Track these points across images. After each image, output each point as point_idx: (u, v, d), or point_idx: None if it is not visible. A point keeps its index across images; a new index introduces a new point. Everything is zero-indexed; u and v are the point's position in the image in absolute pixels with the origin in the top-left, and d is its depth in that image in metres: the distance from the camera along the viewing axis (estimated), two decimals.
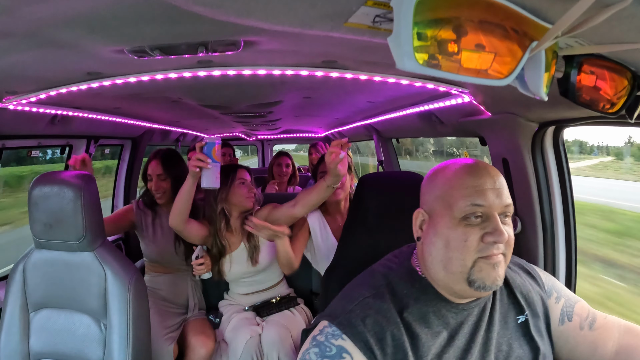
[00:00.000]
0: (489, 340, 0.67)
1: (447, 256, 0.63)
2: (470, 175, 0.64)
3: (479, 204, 0.62)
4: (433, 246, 0.65)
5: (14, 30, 0.66)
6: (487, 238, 0.61)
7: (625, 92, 0.56)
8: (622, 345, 0.72)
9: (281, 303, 1.58)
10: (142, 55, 0.85)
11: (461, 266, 0.62)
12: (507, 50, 0.39)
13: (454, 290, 0.65)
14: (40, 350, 1.17)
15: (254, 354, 1.39)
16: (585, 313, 0.75)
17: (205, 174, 1.29)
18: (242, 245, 1.54)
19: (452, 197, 0.64)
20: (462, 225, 0.62)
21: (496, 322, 0.69)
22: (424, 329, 0.65)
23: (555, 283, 0.78)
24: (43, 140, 1.77)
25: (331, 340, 0.63)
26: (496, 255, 0.62)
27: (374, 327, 0.63)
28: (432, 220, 0.67)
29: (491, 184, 0.63)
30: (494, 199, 0.62)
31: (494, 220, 0.62)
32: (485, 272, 0.61)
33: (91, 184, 1.13)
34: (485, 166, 0.66)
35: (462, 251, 0.62)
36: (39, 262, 1.17)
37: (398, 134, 2.57)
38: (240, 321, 1.50)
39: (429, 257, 0.67)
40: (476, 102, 1.12)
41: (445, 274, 0.64)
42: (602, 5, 0.36)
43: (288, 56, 0.95)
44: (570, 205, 1.13)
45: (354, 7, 0.45)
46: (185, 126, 2.97)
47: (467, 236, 0.62)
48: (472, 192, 0.63)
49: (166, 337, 1.47)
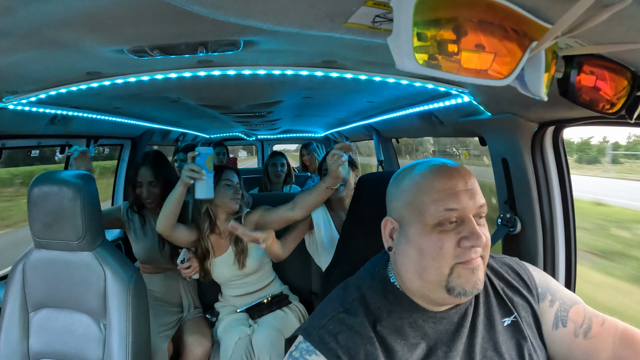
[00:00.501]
0: (471, 346, 0.64)
1: (422, 265, 0.60)
2: (440, 177, 0.61)
3: (452, 207, 0.59)
4: (406, 256, 0.63)
5: (14, 30, 0.66)
6: (464, 243, 0.58)
7: (625, 92, 0.56)
8: (616, 357, 0.70)
9: (272, 303, 1.56)
10: (142, 55, 0.85)
11: (437, 274, 0.59)
12: (507, 50, 0.39)
13: (431, 298, 0.63)
14: (40, 350, 1.17)
15: (244, 355, 1.38)
16: (580, 319, 0.72)
17: (200, 184, 1.29)
18: (230, 249, 1.51)
19: (423, 203, 0.60)
20: (436, 231, 0.59)
21: (480, 326, 0.66)
22: (400, 341, 0.63)
23: (551, 284, 0.75)
24: (43, 140, 1.77)
25: (305, 356, 0.62)
26: (474, 259, 0.59)
27: (346, 343, 0.62)
28: (403, 228, 0.63)
29: (463, 185, 0.60)
30: (468, 201, 0.59)
31: (470, 223, 0.59)
32: (465, 278, 0.59)
33: (91, 184, 1.13)
34: (455, 166, 0.63)
35: (437, 259, 0.59)
36: (39, 261, 1.17)
37: (398, 134, 2.57)
38: (231, 322, 1.49)
39: (402, 267, 0.64)
40: (476, 102, 1.12)
41: (421, 283, 0.62)
42: (602, 6, 0.36)
43: (288, 56, 0.95)
44: (570, 205, 1.13)
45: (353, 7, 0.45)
46: (185, 126, 2.97)
47: (443, 243, 0.59)
48: (444, 196, 0.59)
49: (160, 335, 1.47)
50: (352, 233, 1.03)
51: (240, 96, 1.67)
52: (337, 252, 1.09)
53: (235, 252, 1.50)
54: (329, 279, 1.05)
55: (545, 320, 0.72)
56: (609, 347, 0.71)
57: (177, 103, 1.74)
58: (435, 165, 0.63)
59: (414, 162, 0.68)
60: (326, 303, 0.70)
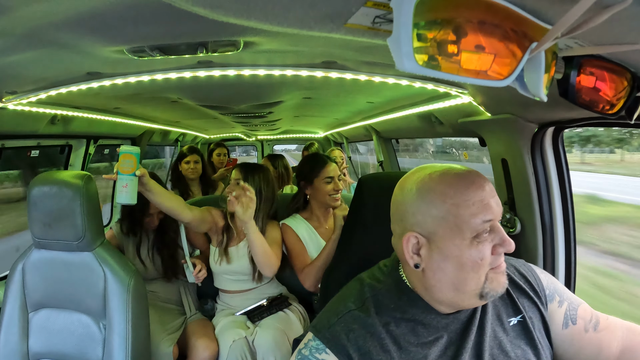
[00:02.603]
0: (479, 345, 0.65)
1: (461, 278, 0.60)
2: (470, 189, 0.60)
3: (489, 219, 0.59)
4: (442, 272, 0.61)
5: (14, 30, 0.66)
6: (499, 249, 0.60)
7: (625, 93, 0.56)
8: (626, 345, 0.71)
9: (272, 305, 1.55)
10: (142, 55, 0.85)
11: (476, 284, 0.60)
12: (506, 51, 0.39)
13: (459, 305, 0.64)
14: (40, 350, 1.17)
15: (239, 357, 1.37)
16: (588, 315, 0.74)
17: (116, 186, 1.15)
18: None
19: (459, 217, 0.59)
20: (475, 244, 0.59)
21: (488, 325, 0.67)
22: (411, 341, 0.63)
23: (558, 286, 0.76)
24: (43, 140, 1.77)
25: (315, 355, 0.63)
26: (503, 263, 0.61)
27: (357, 341, 0.62)
28: (435, 244, 0.61)
29: (491, 194, 0.61)
30: (497, 208, 0.60)
31: (500, 230, 0.60)
32: (497, 282, 0.61)
33: (90, 184, 1.13)
34: (477, 174, 0.63)
35: (478, 270, 0.60)
36: (38, 262, 1.17)
37: (397, 135, 2.57)
38: (227, 323, 1.48)
39: (437, 282, 0.62)
40: (476, 102, 1.12)
41: (455, 294, 0.62)
42: (602, 6, 0.36)
43: (288, 56, 0.95)
44: (570, 205, 1.13)
45: (353, 8, 0.45)
46: (185, 126, 2.97)
47: (483, 254, 0.59)
48: (480, 209, 0.59)
49: (166, 338, 1.47)
50: (352, 234, 1.03)
51: (240, 96, 1.67)
52: (338, 253, 1.09)
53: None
54: (329, 279, 1.05)
55: (555, 321, 0.73)
56: (619, 337, 0.72)
57: (177, 103, 1.74)
58: (459, 175, 0.61)
59: (423, 168, 0.65)
60: (338, 301, 0.70)
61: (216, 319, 1.56)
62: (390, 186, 0.95)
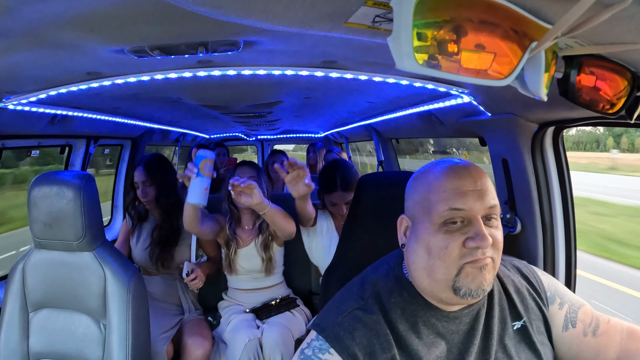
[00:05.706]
0: (486, 348, 0.65)
1: (430, 264, 0.61)
2: (449, 177, 0.61)
3: (458, 207, 0.59)
4: (415, 254, 0.63)
5: (14, 30, 0.66)
6: (469, 243, 0.58)
7: (625, 92, 0.56)
8: (623, 351, 0.71)
9: (281, 305, 1.58)
10: (142, 55, 0.85)
11: (445, 274, 0.60)
12: (506, 50, 0.39)
13: (440, 298, 0.63)
14: (40, 350, 1.17)
15: (252, 357, 1.38)
16: (588, 319, 0.73)
17: (191, 187, 1.24)
18: (254, 242, 1.57)
19: (430, 202, 0.61)
20: (442, 231, 0.60)
21: (494, 328, 0.66)
22: (414, 340, 0.63)
23: (559, 287, 0.76)
24: (43, 140, 1.78)
25: (318, 355, 0.61)
26: (482, 259, 0.59)
27: (362, 340, 0.61)
28: (414, 226, 0.64)
29: (472, 185, 0.60)
30: (475, 202, 0.59)
31: (476, 224, 0.59)
32: (471, 277, 0.59)
33: (90, 184, 1.13)
34: (467, 166, 0.62)
35: (443, 258, 0.59)
36: (39, 262, 1.17)
37: (398, 134, 2.57)
38: (240, 322, 1.49)
39: (412, 264, 0.65)
40: (476, 102, 1.12)
41: (429, 282, 0.62)
42: (602, 6, 0.36)
43: (288, 56, 0.95)
44: (570, 205, 1.13)
45: (353, 8, 0.45)
46: (185, 126, 2.97)
47: (447, 243, 0.59)
48: (450, 196, 0.59)
49: (160, 337, 1.47)
50: (352, 233, 1.03)
51: (240, 96, 1.67)
52: (338, 253, 1.09)
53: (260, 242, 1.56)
54: (329, 279, 1.05)
55: (555, 323, 0.72)
56: (616, 343, 0.71)
57: (177, 103, 1.74)
58: (447, 166, 0.63)
59: (432, 162, 0.68)
60: (340, 299, 0.69)
61: (225, 316, 1.58)
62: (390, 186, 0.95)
